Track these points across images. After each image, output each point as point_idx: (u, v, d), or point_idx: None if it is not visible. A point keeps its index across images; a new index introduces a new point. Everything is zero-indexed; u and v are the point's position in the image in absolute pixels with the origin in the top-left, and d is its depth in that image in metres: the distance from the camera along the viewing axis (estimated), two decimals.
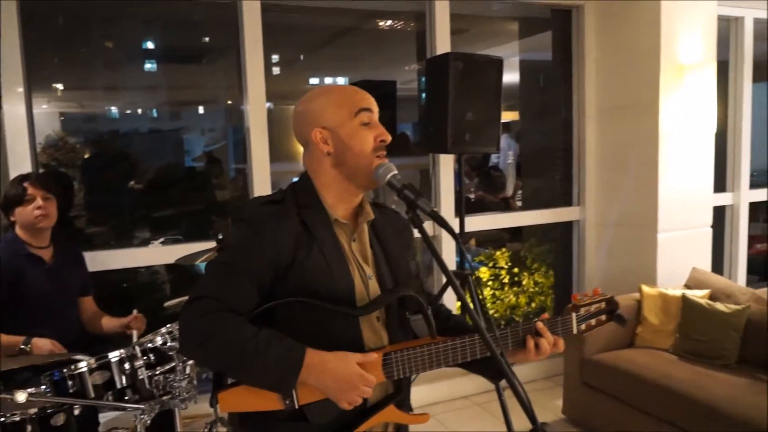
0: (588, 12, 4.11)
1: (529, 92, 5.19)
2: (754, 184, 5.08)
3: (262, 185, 3.39)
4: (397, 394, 1.44)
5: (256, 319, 1.31)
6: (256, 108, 3.36)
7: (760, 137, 5.61)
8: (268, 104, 3.47)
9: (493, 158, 7.97)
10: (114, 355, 2.17)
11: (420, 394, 3.61)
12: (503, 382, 1.46)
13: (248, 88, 3.34)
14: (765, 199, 5.08)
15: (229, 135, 4.57)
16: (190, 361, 2.32)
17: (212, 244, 2.66)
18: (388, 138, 1.42)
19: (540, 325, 1.47)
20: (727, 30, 4.67)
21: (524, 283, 5.22)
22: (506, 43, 5.14)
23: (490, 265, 5.45)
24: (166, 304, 2.65)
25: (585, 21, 4.11)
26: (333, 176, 1.42)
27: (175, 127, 4.74)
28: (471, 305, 1.35)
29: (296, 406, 1.32)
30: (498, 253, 5.46)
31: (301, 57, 5.23)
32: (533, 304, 4.95)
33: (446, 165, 3.82)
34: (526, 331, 1.47)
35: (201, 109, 5.03)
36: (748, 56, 4.67)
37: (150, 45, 4.29)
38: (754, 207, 5.08)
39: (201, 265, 2.60)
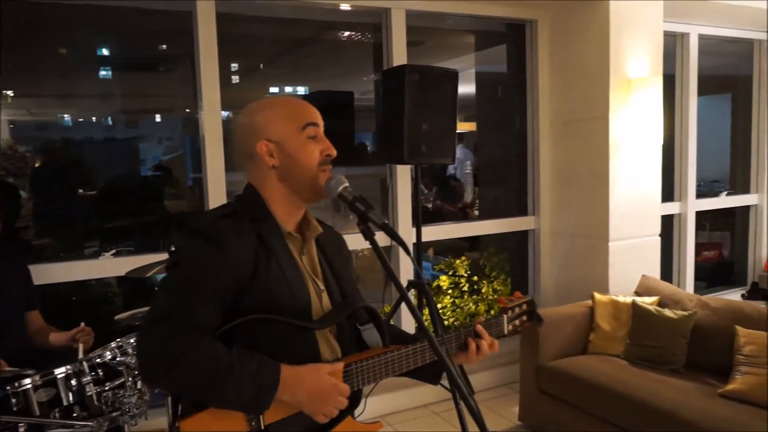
0: (541, 27, 4.21)
1: (486, 104, 5.28)
2: (701, 194, 5.27)
3: (217, 195, 3.35)
4: (354, 404, 1.44)
5: (220, 337, 1.27)
6: (211, 117, 3.33)
7: (706, 149, 5.83)
8: (226, 113, 3.43)
9: (451, 168, 8.07)
10: (60, 372, 2.11)
11: (378, 403, 3.63)
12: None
13: (203, 96, 3.30)
14: (711, 208, 5.27)
15: (187, 144, 4.51)
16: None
17: (165, 256, 2.61)
18: (334, 152, 1.44)
19: (479, 327, 1.56)
20: (673, 45, 4.84)
21: (483, 290, 5.28)
22: (463, 56, 5.22)
23: (450, 273, 5.50)
24: (117, 317, 2.59)
25: (538, 36, 4.21)
26: (279, 190, 1.41)
27: (130, 135, 4.66)
28: (417, 314, 1.36)
29: (262, 427, 1.30)
30: (458, 261, 5.51)
31: (261, 66, 5.21)
32: (492, 312, 5.01)
33: (403, 175, 3.84)
34: (467, 334, 1.55)
35: (158, 118, 4.95)
36: (694, 70, 4.85)
37: (105, 52, 4.21)
38: (701, 216, 5.27)
39: (158, 276, 2.55)
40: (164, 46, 4.45)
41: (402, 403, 3.82)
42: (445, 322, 5.41)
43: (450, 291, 5.43)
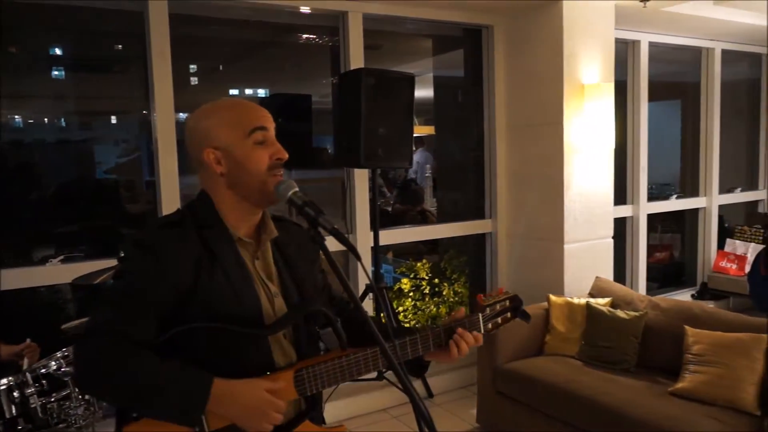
0: (497, 32, 4.26)
1: (444, 108, 5.32)
2: (653, 197, 5.41)
3: (170, 199, 3.29)
4: (311, 409, 1.43)
5: (162, 349, 1.26)
6: (164, 119, 3.27)
7: (658, 153, 5.99)
8: (184, 115, 3.37)
9: (412, 172, 8.09)
10: (1, 383, 2.03)
11: (337, 408, 3.61)
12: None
13: (156, 98, 3.24)
14: (662, 210, 5.42)
15: (143, 146, 4.41)
16: None
17: (115, 263, 2.54)
18: (285, 156, 1.41)
19: (459, 330, 1.50)
20: (625, 52, 4.97)
21: (444, 293, 5.32)
22: (421, 60, 5.25)
23: (411, 276, 5.52)
24: (64, 326, 2.51)
25: (494, 41, 4.26)
26: (229, 196, 1.40)
27: (85, 137, 4.52)
28: (369, 322, 1.35)
29: None
30: (419, 264, 5.53)
31: (221, 68, 5.14)
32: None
33: (361, 179, 3.83)
34: (448, 333, 1.50)
35: (114, 119, 4.83)
36: (644, 77, 4.98)
37: (58, 52, 4.09)
38: (653, 218, 5.41)
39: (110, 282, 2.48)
40: (120, 47, 4.35)
41: (361, 407, 3.81)
42: (407, 325, 5.42)
43: (411, 294, 5.45)
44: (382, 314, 3.44)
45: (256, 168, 1.37)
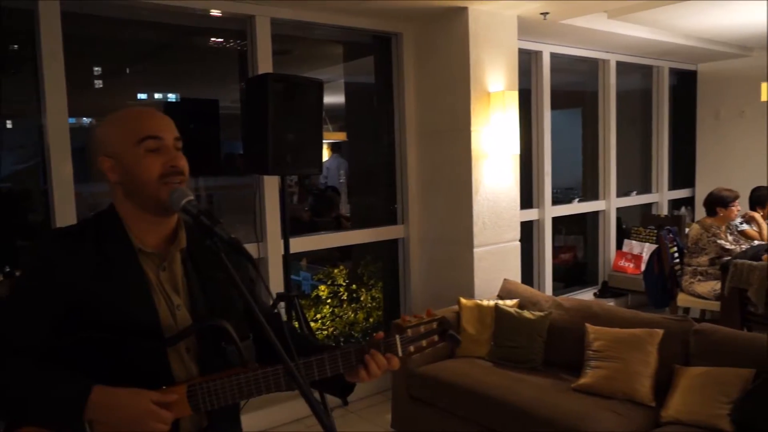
0: (406, 40, 4.31)
1: (356, 114, 5.33)
2: (558, 201, 5.66)
3: (66, 209, 3.10)
4: (212, 426, 1.40)
5: (53, 359, 1.27)
6: (57, 123, 3.08)
7: (563, 159, 6.27)
8: (88, 119, 3.19)
9: (325, 178, 8.05)
10: None
11: (252, 419, 3.52)
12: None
13: (47, 101, 3.05)
14: (565, 214, 5.66)
15: (41, 153, 4.13)
16: None
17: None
18: (180, 164, 1.38)
19: (372, 352, 1.45)
20: (529, 62, 5.16)
21: (362, 299, 5.31)
22: (332, 66, 5.24)
23: (329, 283, 5.48)
24: None
25: (404, 48, 4.31)
26: (128, 205, 1.38)
27: None
28: (273, 340, 1.31)
29: None
30: (336, 270, 5.50)
31: (127, 71, 4.92)
32: (371, 320, 5.04)
33: (271, 186, 3.77)
34: (359, 354, 1.45)
35: (9, 124, 4.51)
36: (547, 86, 5.20)
37: None
38: (558, 221, 5.65)
39: None
40: (15, 47, 4.07)
41: (277, 418, 3.74)
42: (325, 332, 5.38)
43: (329, 301, 5.41)
44: (295, 323, 3.38)
45: (147, 176, 1.34)
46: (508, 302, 3.71)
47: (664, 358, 3.01)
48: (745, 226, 4.85)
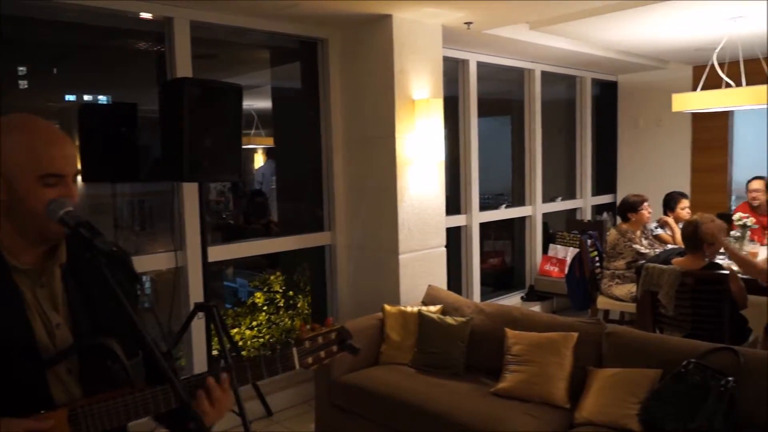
0: (332, 45, 4.30)
1: (283, 120, 5.27)
2: (488, 206, 5.76)
3: None
4: None
5: None
6: None
7: (494, 165, 6.40)
8: None
9: (257, 184, 7.93)
10: None
11: None
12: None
13: None
14: (492, 219, 5.77)
15: None
16: None
17: None
18: (74, 201, 1.31)
19: (210, 381, 1.37)
20: (456, 70, 5.24)
21: (299, 305, 5.25)
22: (259, 71, 5.17)
23: (265, 290, 5.39)
24: None
25: (329, 54, 4.29)
26: (5, 224, 1.28)
27: None
28: (161, 361, 1.27)
29: None
30: (272, 277, 5.41)
31: (54, 71, 4.72)
32: (308, 326, 4.99)
33: (191, 192, 3.66)
34: (198, 384, 1.37)
35: None
36: (474, 94, 5.29)
37: None
38: (487, 226, 5.75)
39: None
40: None
41: None
42: (261, 340, 5.28)
43: (265, 307, 5.32)
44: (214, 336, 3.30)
45: (38, 208, 1.26)
46: (432, 308, 3.74)
47: (579, 360, 3.09)
48: (659, 231, 5.06)
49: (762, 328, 3.63)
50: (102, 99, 4.93)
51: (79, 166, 1.35)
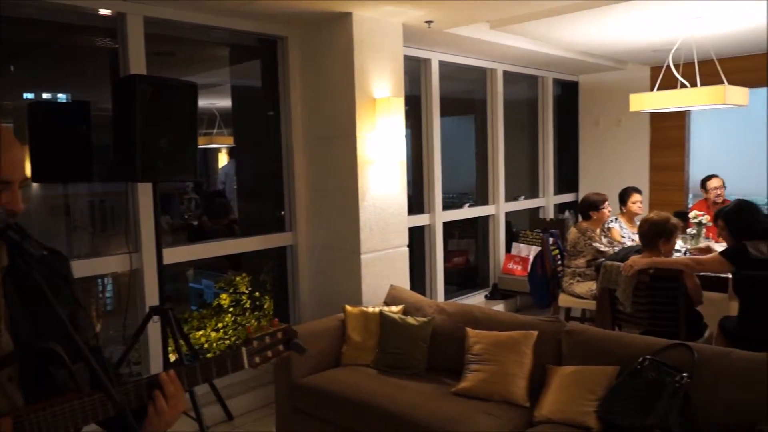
0: (292, 44, 4.24)
1: (243, 119, 5.19)
2: (453, 205, 5.77)
3: None
4: None
5: None
6: None
7: (459, 164, 6.42)
8: None
9: (220, 184, 7.81)
10: None
11: None
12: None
13: None
14: (455, 218, 5.78)
15: None
16: None
17: None
18: (17, 207, 1.25)
19: (163, 376, 1.35)
20: (419, 69, 5.23)
21: (266, 306, 5.17)
22: (219, 69, 5.08)
23: (231, 291, 5.29)
24: None
25: (289, 52, 4.23)
26: None
27: None
28: (98, 371, 1.22)
29: None
30: (238, 278, 5.32)
31: (12, 69, 4.56)
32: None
33: (146, 193, 3.57)
34: (153, 384, 1.34)
35: None
36: (436, 93, 5.28)
37: None
38: (451, 225, 5.76)
39: None
40: None
41: None
42: (227, 341, 5.19)
43: (231, 309, 5.23)
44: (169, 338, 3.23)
45: None
46: (393, 308, 3.72)
47: (539, 358, 3.11)
48: (612, 225, 5.13)
49: (717, 324, 3.71)
50: (61, 97, 4.80)
51: (28, 168, 1.29)
